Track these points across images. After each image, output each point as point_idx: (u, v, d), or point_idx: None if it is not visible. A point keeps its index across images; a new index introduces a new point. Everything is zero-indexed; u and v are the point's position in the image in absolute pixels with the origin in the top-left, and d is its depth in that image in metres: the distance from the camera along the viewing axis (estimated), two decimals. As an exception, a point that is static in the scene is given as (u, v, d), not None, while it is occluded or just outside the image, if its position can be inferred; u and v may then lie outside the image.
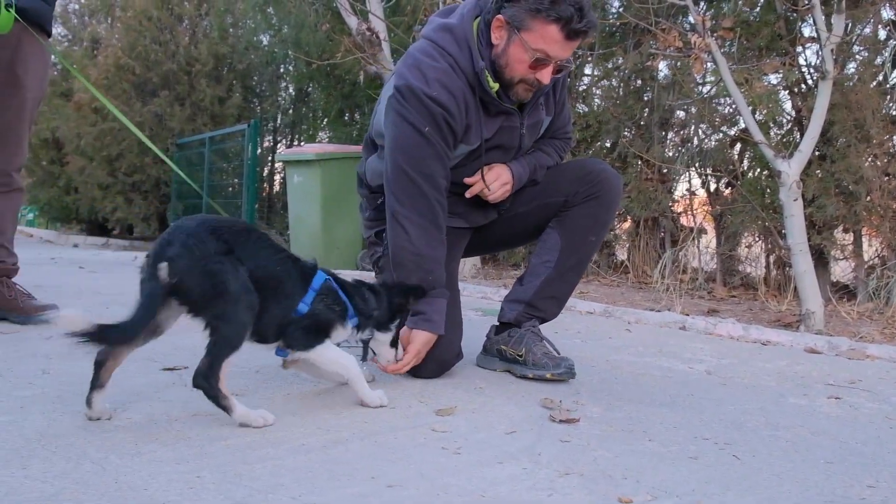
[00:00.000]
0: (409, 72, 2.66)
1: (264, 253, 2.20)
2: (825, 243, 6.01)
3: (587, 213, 2.97)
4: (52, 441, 1.88)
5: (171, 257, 2.02)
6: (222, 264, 2.05)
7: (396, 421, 2.21)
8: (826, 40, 4.76)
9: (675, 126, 7.78)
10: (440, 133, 2.62)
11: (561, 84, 2.96)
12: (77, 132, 12.22)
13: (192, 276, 2.02)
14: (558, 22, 2.47)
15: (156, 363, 2.85)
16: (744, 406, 2.61)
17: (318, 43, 10.63)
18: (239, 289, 2.06)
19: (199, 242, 2.05)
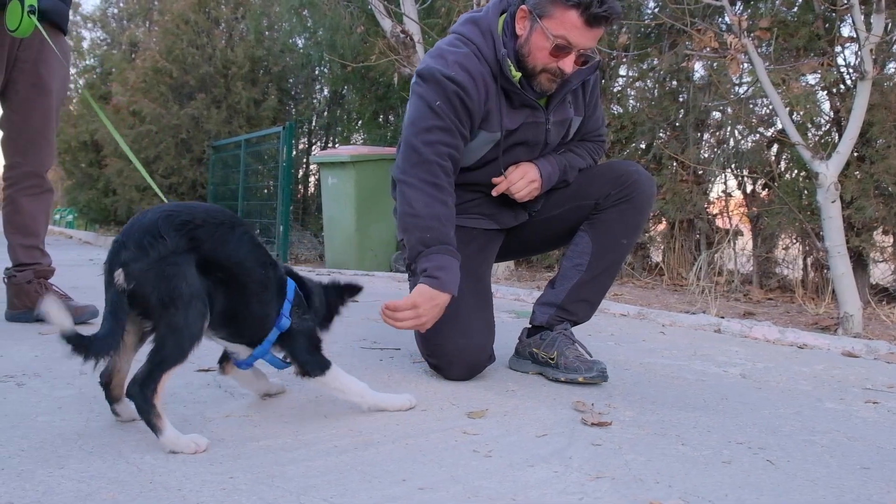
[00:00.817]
0: (431, 58, 2.72)
1: (246, 250, 2.04)
2: (864, 245, 5.92)
3: (619, 216, 2.96)
4: (89, 441, 1.90)
5: (126, 261, 1.85)
6: (178, 266, 1.87)
7: (428, 423, 2.21)
8: (865, 40, 4.69)
9: (710, 127, 7.71)
10: (452, 108, 2.63)
11: (592, 85, 2.94)
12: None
13: (148, 282, 1.84)
14: (578, 7, 2.47)
15: (191, 364, 2.87)
16: (779, 410, 2.58)
17: (353, 45, 10.69)
18: (190, 294, 1.88)
19: (154, 240, 1.86)
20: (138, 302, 1.86)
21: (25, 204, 3.65)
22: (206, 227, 1.95)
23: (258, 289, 2.09)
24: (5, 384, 2.43)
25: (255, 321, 2.13)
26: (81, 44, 15.29)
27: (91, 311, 3.66)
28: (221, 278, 1.99)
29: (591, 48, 2.60)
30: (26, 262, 3.69)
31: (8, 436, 1.91)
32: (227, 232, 2.00)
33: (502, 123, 2.75)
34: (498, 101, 2.72)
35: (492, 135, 2.77)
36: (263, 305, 2.12)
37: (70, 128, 14.16)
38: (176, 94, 12.40)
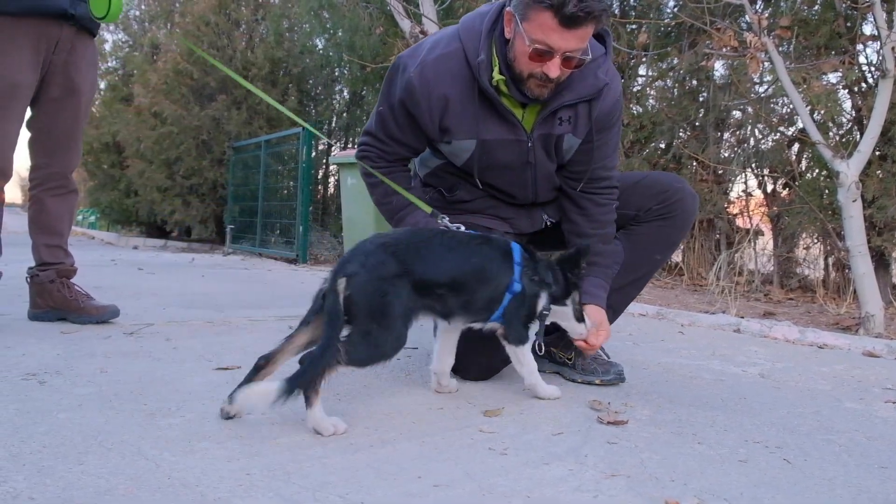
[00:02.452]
0: (417, 46, 2.73)
1: (456, 258, 2.32)
2: (886, 245, 5.87)
3: (657, 231, 2.91)
4: (108, 437, 1.92)
5: (350, 273, 2.13)
6: (394, 286, 2.15)
7: (444, 422, 2.22)
8: (886, 38, 4.65)
9: (730, 126, 7.67)
10: (393, 116, 2.70)
11: (605, 111, 2.72)
12: (137, 136, 12.51)
13: (364, 292, 2.12)
14: (551, 8, 2.34)
15: (210, 363, 2.91)
16: (797, 410, 2.57)
17: (372, 46, 10.71)
18: (396, 315, 2.15)
19: (376, 263, 2.17)
20: (350, 309, 2.11)
21: (50, 204, 3.69)
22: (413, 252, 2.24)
23: (480, 282, 2.34)
24: (28, 382, 2.46)
25: (488, 303, 2.39)
26: (104, 46, 15.37)
27: (112, 310, 3.72)
28: (439, 293, 2.28)
29: (580, 49, 2.45)
30: (49, 261, 3.72)
31: (30, 432, 1.94)
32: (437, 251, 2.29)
33: (459, 132, 2.67)
34: (474, 107, 2.62)
35: (461, 141, 2.68)
36: (491, 287, 2.37)
37: (92, 129, 14.24)
38: (197, 95, 12.46)
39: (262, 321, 4.08)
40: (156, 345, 3.23)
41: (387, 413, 2.29)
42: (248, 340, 3.43)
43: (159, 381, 2.57)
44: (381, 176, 2.76)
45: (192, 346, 3.22)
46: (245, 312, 4.39)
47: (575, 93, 2.64)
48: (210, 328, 3.76)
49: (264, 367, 2.21)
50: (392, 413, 2.30)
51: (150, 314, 4.16)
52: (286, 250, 10.57)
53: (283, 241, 10.99)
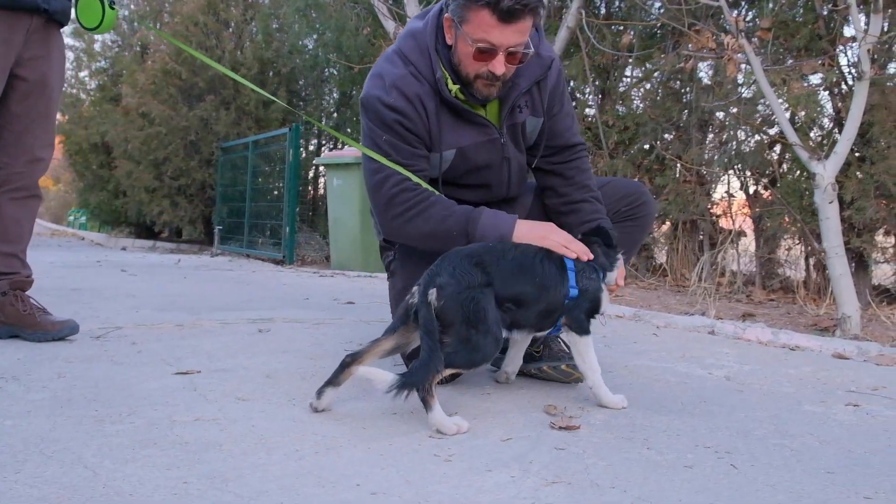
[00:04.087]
0: (370, 81, 2.70)
1: (525, 275, 2.42)
2: (865, 246, 5.87)
3: (624, 231, 2.96)
4: (51, 445, 1.92)
5: (441, 285, 2.26)
6: (484, 295, 2.28)
7: (395, 426, 2.22)
8: (862, 40, 4.66)
9: (714, 128, 7.67)
10: (397, 135, 2.63)
11: (552, 84, 2.85)
12: (124, 137, 12.48)
13: (457, 302, 2.24)
14: (488, 6, 2.39)
15: (170, 367, 2.90)
16: (756, 413, 2.57)
17: (359, 46, 10.72)
18: (492, 321, 2.27)
19: (464, 273, 2.29)
20: (444, 318, 2.24)
21: (9, 208, 3.36)
22: (493, 265, 2.35)
23: (542, 295, 2.44)
24: (-18, 387, 2.45)
25: (550, 314, 2.48)
26: (93, 46, 15.34)
27: (70, 326, 3.40)
28: (510, 307, 2.38)
29: (522, 43, 2.51)
30: (3, 271, 3.39)
31: (-27, 439, 1.93)
32: (508, 267, 2.39)
33: (441, 144, 2.70)
34: (438, 120, 2.67)
35: (448, 152, 2.73)
36: (551, 299, 2.46)
37: (81, 129, 14.23)
38: (185, 95, 12.45)
39: (234, 324, 4.07)
40: (120, 348, 3.22)
41: (338, 418, 2.29)
42: (215, 344, 3.42)
43: (115, 386, 2.56)
44: (428, 186, 2.67)
45: (155, 350, 3.22)
46: (218, 315, 4.38)
47: (527, 77, 2.74)
48: (178, 331, 3.75)
49: (350, 364, 2.30)
50: (344, 417, 2.29)
51: (122, 317, 4.15)
52: (273, 251, 10.56)
53: (270, 243, 10.97)
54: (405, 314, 2.33)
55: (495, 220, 2.61)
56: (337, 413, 2.34)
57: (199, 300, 5.12)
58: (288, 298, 5.55)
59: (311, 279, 7.66)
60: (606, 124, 7.85)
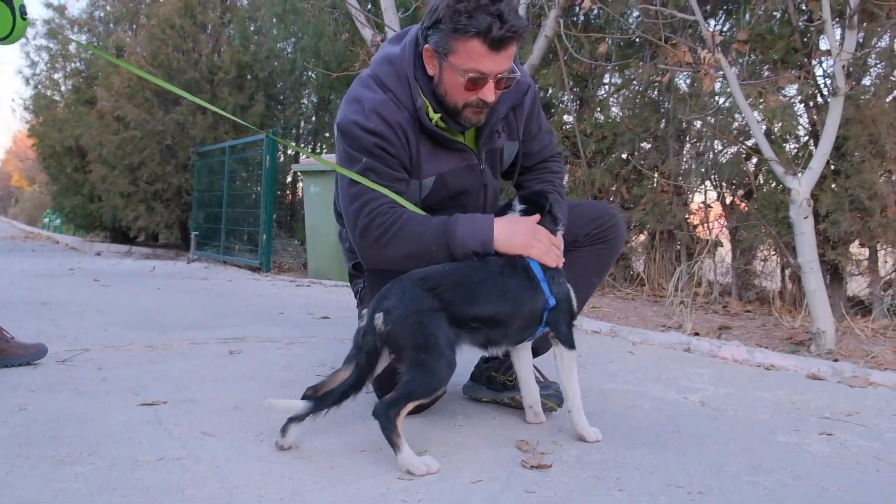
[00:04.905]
0: (347, 106, 2.64)
1: (490, 294, 2.38)
2: (840, 259, 5.89)
3: (595, 254, 2.94)
4: (5, 493, 1.86)
5: (387, 309, 2.23)
6: (432, 319, 2.23)
7: (363, 467, 2.17)
8: (837, 56, 4.66)
9: (691, 137, 7.67)
10: (381, 161, 2.57)
11: (528, 108, 2.85)
12: (99, 141, 12.34)
13: (405, 327, 2.21)
14: (478, 35, 2.37)
15: (136, 397, 2.84)
16: (729, 445, 2.55)
17: (338, 52, 10.66)
18: (443, 345, 2.23)
19: (413, 298, 2.25)
20: (392, 343, 2.22)
21: None
22: (449, 289, 2.30)
23: (513, 308, 2.42)
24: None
25: (526, 326, 2.47)
26: (68, 47, 15.16)
27: (38, 351, 3.34)
28: (476, 326, 2.36)
29: (509, 69, 2.50)
30: None
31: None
32: (471, 288, 2.35)
33: (421, 172, 2.66)
34: (418, 149, 2.63)
35: (428, 180, 2.69)
36: (527, 312, 2.45)
37: (55, 132, 14.06)
38: (161, 99, 12.34)
39: (205, 344, 4.01)
40: (85, 375, 3.16)
41: (305, 456, 2.24)
42: (184, 369, 3.36)
43: (78, 420, 2.51)
44: (403, 202, 2.59)
45: (122, 377, 3.16)
46: (189, 334, 4.31)
47: (505, 102, 2.72)
48: (147, 354, 3.69)
49: (311, 398, 2.26)
50: (311, 455, 2.25)
51: (90, 337, 4.09)
52: (250, 258, 10.48)
53: (247, 249, 10.89)
54: (359, 338, 2.29)
55: (473, 227, 2.53)
56: (304, 450, 2.29)
57: (171, 316, 5.05)
58: (262, 312, 5.49)
59: (287, 289, 7.60)
60: (584, 133, 7.84)
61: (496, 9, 2.38)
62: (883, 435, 2.76)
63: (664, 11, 5.52)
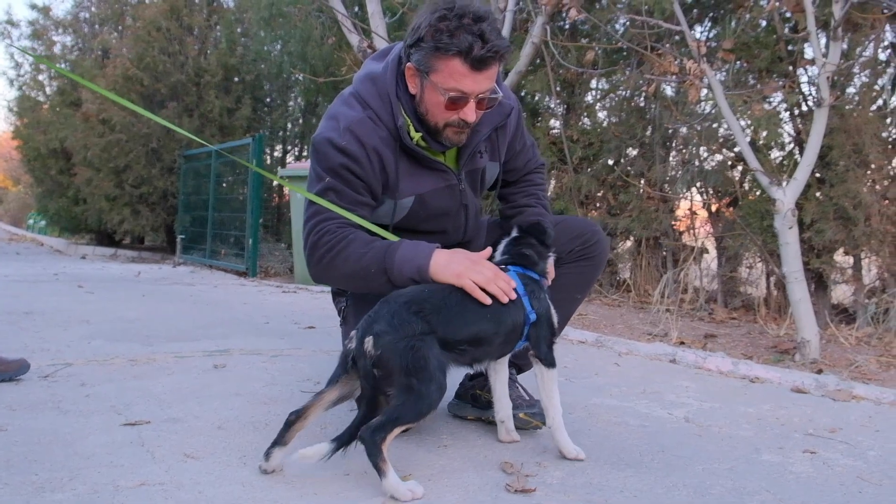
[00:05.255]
0: (325, 122, 2.65)
1: (473, 315, 2.38)
2: (825, 267, 5.92)
3: (579, 271, 2.94)
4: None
5: (377, 333, 2.21)
6: (423, 342, 2.22)
7: (347, 492, 2.16)
8: (822, 68, 4.68)
9: (677, 145, 7.69)
10: (345, 182, 2.56)
11: (511, 130, 2.86)
12: (84, 143, 12.27)
13: (395, 351, 2.19)
14: (459, 55, 2.37)
15: (119, 416, 2.82)
16: (714, 465, 2.55)
17: (324, 56, 10.64)
18: (434, 368, 2.21)
19: (402, 321, 2.23)
20: (383, 367, 2.19)
21: None
22: (435, 313, 2.30)
23: (499, 327, 2.42)
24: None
25: (507, 342, 2.48)
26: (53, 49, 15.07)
27: (21, 366, 3.30)
28: (464, 349, 2.35)
29: (490, 89, 2.51)
30: None
31: None
32: (455, 311, 2.35)
33: (399, 192, 2.66)
34: (396, 168, 2.62)
35: (397, 200, 2.68)
36: (510, 329, 2.45)
37: (39, 134, 13.98)
38: (147, 102, 12.27)
39: (189, 357, 3.99)
40: (68, 392, 3.14)
41: (289, 480, 2.23)
42: (167, 386, 3.34)
43: (60, 442, 2.49)
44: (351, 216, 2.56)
45: (105, 394, 3.14)
46: (173, 346, 4.29)
47: (488, 124, 2.72)
48: (131, 368, 3.66)
49: (294, 422, 2.26)
50: (294, 479, 2.23)
51: (73, 349, 4.06)
52: (236, 262, 10.44)
53: (233, 253, 10.85)
54: (345, 361, 2.29)
55: (413, 253, 2.51)
56: (287, 474, 2.28)
57: (155, 326, 5.03)
58: (247, 322, 5.47)
59: (273, 296, 7.57)
60: (571, 139, 7.85)
61: (478, 28, 2.38)
62: (866, 453, 2.77)
63: (650, 21, 5.53)
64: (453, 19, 2.39)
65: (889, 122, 5.88)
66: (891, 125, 5.89)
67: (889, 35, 5.97)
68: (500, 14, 7.33)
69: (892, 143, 5.88)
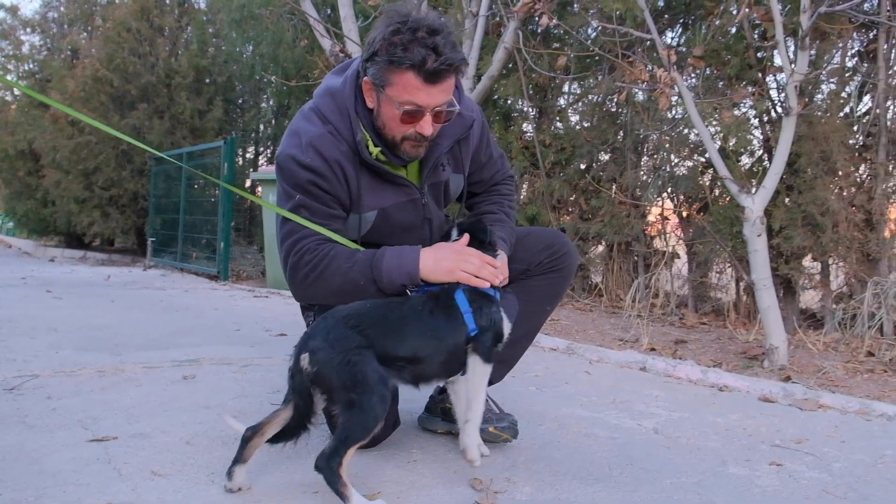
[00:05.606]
0: (287, 139, 2.64)
1: (415, 330, 2.33)
2: (793, 273, 5.98)
3: (547, 283, 2.94)
4: (-54, 548, 1.82)
5: (313, 349, 2.19)
6: (361, 356, 2.19)
7: (315, 510, 2.16)
8: (790, 77, 4.73)
9: (648, 150, 7.74)
10: (314, 198, 2.55)
11: (475, 141, 2.86)
12: (53, 145, 12.14)
13: (332, 366, 2.16)
14: (413, 68, 2.36)
15: (86, 431, 2.80)
16: (681, 479, 2.57)
17: (296, 59, 10.60)
18: (374, 380, 2.17)
19: (338, 337, 2.21)
20: (322, 384, 2.17)
21: None
22: (373, 327, 2.26)
23: (440, 345, 2.36)
24: None
25: (451, 361, 2.41)
26: (21, 48, 14.91)
27: None
28: (402, 365, 2.29)
29: (447, 102, 2.50)
30: None
31: None
32: (393, 326, 2.30)
33: (362, 206, 2.64)
34: (358, 183, 2.61)
35: (362, 214, 2.67)
36: (451, 347, 2.38)
37: (7, 135, 13.81)
38: (117, 103, 12.18)
39: (158, 368, 3.96)
40: (34, 405, 3.11)
41: (256, 498, 2.22)
42: (135, 398, 3.31)
43: (25, 459, 2.46)
44: (327, 231, 2.55)
45: (72, 407, 3.10)
46: (143, 356, 4.25)
47: (448, 136, 2.71)
48: (99, 379, 3.63)
49: (252, 438, 2.25)
50: (262, 499, 2.22)
51: (40, 360, 4.02)
52: (208, 266, 10.38)
53: (204, 256, 10.78)
54: (292, 378, 2.26)
55: (399, 260, 2.51)
56: (255, 492, 2.27)
57: (124, 334, 4.98)
58: (218, 329, 5.43)
59: (244, 301, 7.53)
60: (543, 144, 7.87)
61: (432, 42, 2.36)
62: (831, 465, 2.80)
63: (621, 30, 5.56)
64: (407, 32, 2.37)
65: (856, 129, 5.95)
66: (857, 132, 5.95)
67: (856, 43, 6.04)
68: (471, 18, 7.35)
69: (858, 150, 5.95)
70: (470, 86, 7.37)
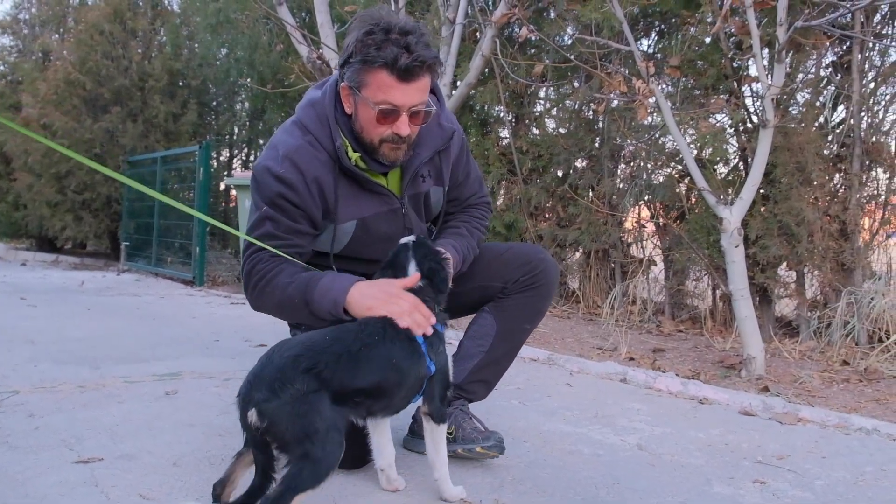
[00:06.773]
0: (266, 152, 2.67)
1: (373, 365, 2.24)
2: (769, 282, 6.04)
3: (526, 301, 2.94)
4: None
5: (258, 401, 2.04)
6: (310, 404, 2.07)
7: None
8: (767, 89, 4.78)
9: (625, 158, 7.79)
10: (281, 211, 2.57)
11: (455, 154, 2.88)
12: (24, 148, 12.01)
13: (282, 419, 2.04)
14: (385, 66, 2.39)
15: (71, 451, 2.77)
16: (667, 499, 2.59)
17: (272, 64, 10.55)
18: (326, 428, 2.07)
19: (283, 384, 2.06)
20: (274, 437, 2.05)
21: None
22: (328, 365, 2.13)
23: (398, 378, 2.30)
24: None
25: (408, 394, 2.36)
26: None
27: None
28: (360, 400, 2.22)
29: (423, 101, 2.52)
30: None
31: None
32: (352, 360, 2.19)
33: (339, 216, 2.65)
34: (336, 192, 2.62)
35: (341, 224, 2.68)
36: (412, 381, 2.34)
37: (-24, 138, 13.65)
38: (89, 106, 12.06)
39: (140, 382, 3.93)
40: (16, 424, 3.07)
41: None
42: (118, 416, 3.29)
43: (11, 482, 2.44)
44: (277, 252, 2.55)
45: (55, 426, 3.07)
46: (122, 370, 4.22)
47: (429, 147, 2.75)
48: (80, 395, 3.60)
49: (222, 493, 2.15)
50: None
51: (19, 374, 3.98)
52: (183, 271, 10.31)
53: (179, 261, 10.70)
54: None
55: (330, 286, 2.50)
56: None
57: (102, 346, 4.94)
58: (197, 340, 5.40)
59: (221, 308, 7.49)
60: (520, 150, 7.91)
61: (405, 41, 2.40)
62: (813, 483, 2.84)
63: (599, 41, 5.59)
64: (380, 33, 2.42)
65: (830, 139, 6.03)
66: (832, 143, 6.03)
67: (830, 54, 6.12)
68: (449, 25, 7.36)
69: (833, 160, 6.03)
70: (447, 93, 7.39)
